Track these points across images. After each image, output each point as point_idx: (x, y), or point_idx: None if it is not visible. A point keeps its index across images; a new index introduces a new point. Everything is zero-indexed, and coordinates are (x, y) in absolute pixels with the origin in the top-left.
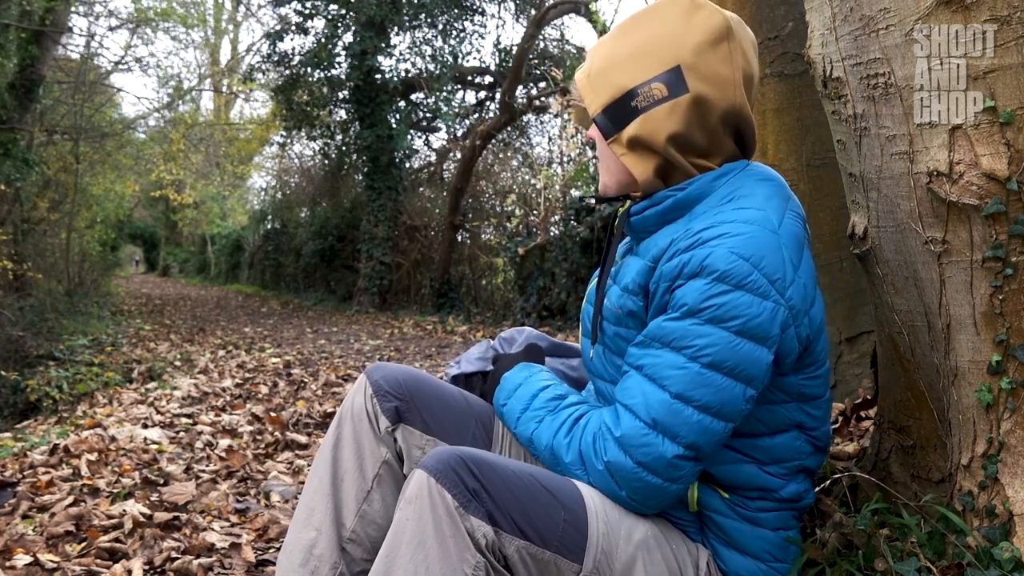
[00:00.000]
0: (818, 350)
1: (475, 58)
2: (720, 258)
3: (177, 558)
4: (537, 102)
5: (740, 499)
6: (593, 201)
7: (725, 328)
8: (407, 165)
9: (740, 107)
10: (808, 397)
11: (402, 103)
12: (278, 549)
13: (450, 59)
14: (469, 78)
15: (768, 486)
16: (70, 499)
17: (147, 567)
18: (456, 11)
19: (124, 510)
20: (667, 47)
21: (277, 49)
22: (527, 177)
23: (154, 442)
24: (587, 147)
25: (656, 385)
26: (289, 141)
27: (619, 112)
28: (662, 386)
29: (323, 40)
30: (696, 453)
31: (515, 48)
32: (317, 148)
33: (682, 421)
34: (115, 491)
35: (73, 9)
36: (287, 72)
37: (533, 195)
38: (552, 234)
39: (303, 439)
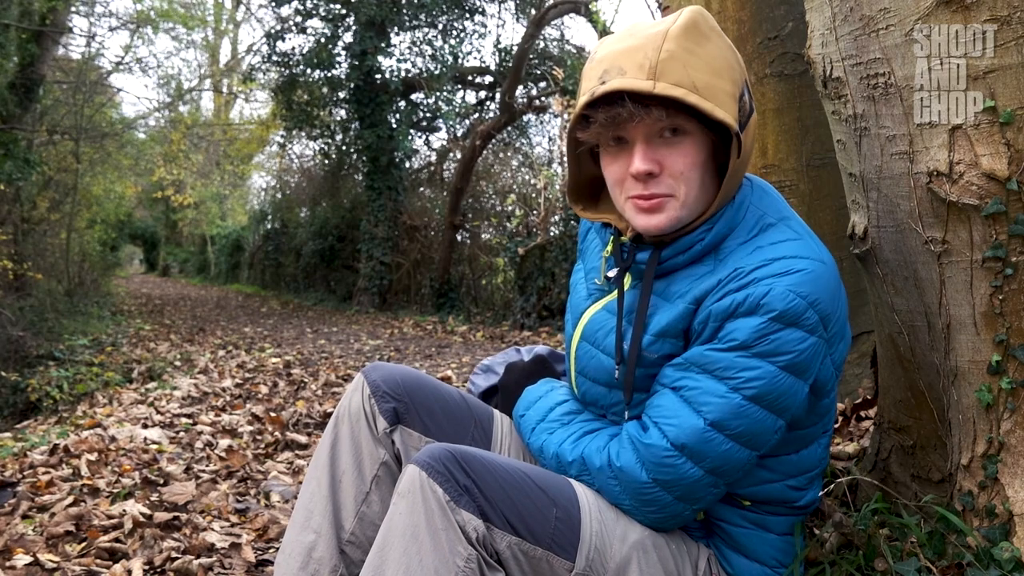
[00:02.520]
0: (840, 364)
1: (475, 58)
2: (778, 296)
3: (177, 558)
4: (537, 102)
5: (759, 510)
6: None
7: (772, 363)
8: (407, 165)
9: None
10: (827, 407)
11: (402, 103)
12: (278, 549)
13: (450, 59)
14: (469, 78)
15: (789, 499)
16: (70, 499)
17: (147, 567)
18: (456, 11)
19: (124, 510)
20: (732, 61)
21: (277, 49)
22: (527, 177)
23: (154, 442)
24: None
25: (692, 409)
26: (289, 141)
27: (741, 126)
28: (698, 411)
29: (323, 40)
30: (716, 479)
31: (515, 48)
32: (317, 148)
33: (711, 448)
34: (115, 491)
35: (73, 9)
36: (287, 72)
37: (533, 195)
38: (552, 234)
39: (303, 439)
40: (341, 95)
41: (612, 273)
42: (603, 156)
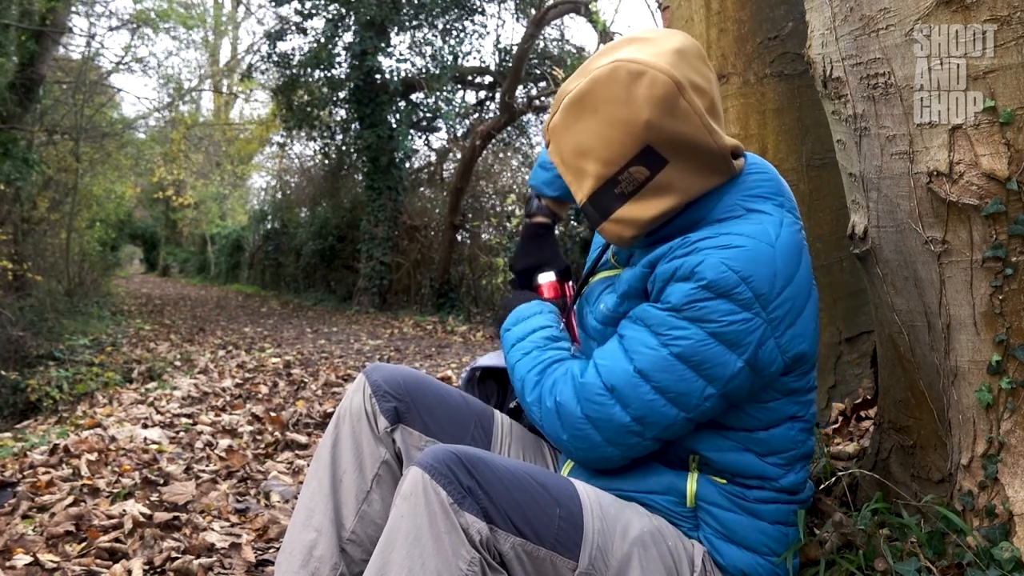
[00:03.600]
0: (809, 353)
1: (475, 58)
2: (710, 267)
3: (177, 558)
4: (537, 102)
5: (740, 489)
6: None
7: (701, 327)
8: (407, 165)
9: (715, 132)
10: (798, 391)
11: (402, 103)
12: (278, 549)
13: (450, 59)
14: (469, 78)
15: (767, 474)
16: (70, 499)
17: (147, 567)
18: (456, 11)
19: (124, 510)
20: (627, 129)
21: (277, 49)
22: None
23: (154, 442)
24: None
25: (626, 355)
26: (289, 141)
27: (605, 199)
28: (630, 358)
29: (323, 40)
30: (643, 429)
31: (515, 48)
32: (317, 148)
33: (636, 395)
34: (115, 491)
35: (73, 9)
36: (287, 72)
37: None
38: None
39: (303, 439)
40: (341, 95)
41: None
42: None
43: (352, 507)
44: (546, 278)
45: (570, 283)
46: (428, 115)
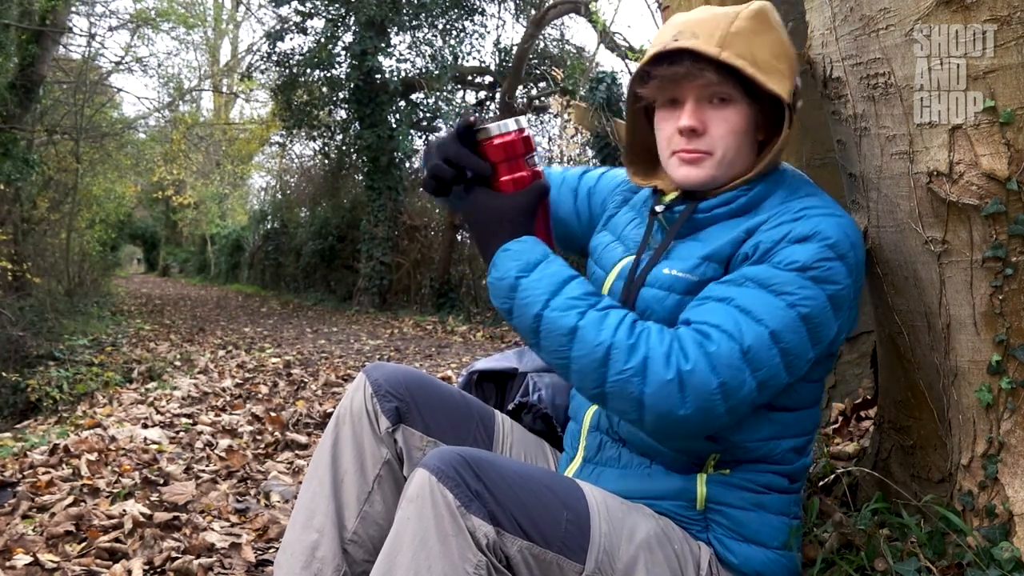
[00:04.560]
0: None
1: (475, 58)
2: (831, 228)
3: (177, 558)
4: (537, 102)
5: (747, 475)
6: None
7: (823, 290)
8: (407, 165)
9: None
10: (827, 372)
11: (402, 103)
12: (278, 549)
13: (450, 59)
14: (469, 78)
15: (784, 460)
16: (70, 499)
17: (147, 567)
18: (456, 11)
19: (124, 510)
20: (789, 52)
21: (277, 49)
22: None
23: (154, 442)
24: (586, 147)
25: (752, 319)
26: (289, 141)
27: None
28: (758, 320)
29: (323, 40)
30: (759, 395)
31: (515, 48)
32: (317, 148)
33: (767, 358)
34: (115, 491)
35: (73, 9)
36: (287, 72)
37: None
38: None
39: (303, 439)
40: (341, 95)
41: (660, 208)
42: (657, 114)
43: (354, 508)
44: (502, 129)
45: (534, 158)
46: (428, 115)
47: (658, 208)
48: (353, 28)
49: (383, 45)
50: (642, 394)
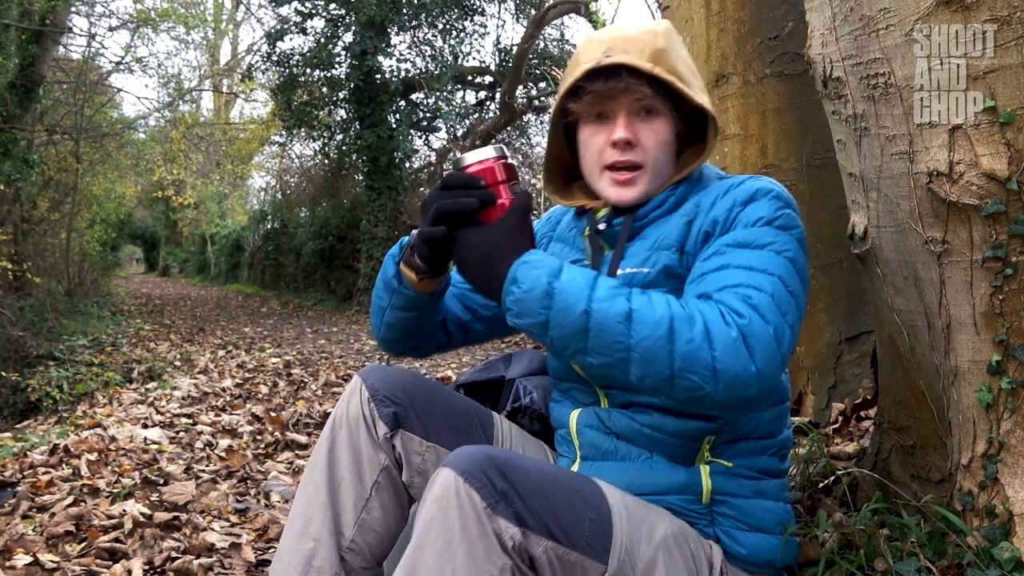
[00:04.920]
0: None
1: (475, 58)
2: (767, 184)
3: (177, 558)
4: (537, 102)
5: (746, 460)
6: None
7: (792, 234)
8: (407, 165)
9: None
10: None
11: (402, 103)
12: (274, 555)
13: (450, 59)
14: (469, 78)
15: (770, 432)
16: (70, 499)
17: (147, 567)
18: (456, 11)
19: (124, 510)
20: (695, 69)
21: (277, 49)
22: (527, 177)
23: (154, 442)
24: None
25: (758, 271)
26: (289, 141)
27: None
28: (763, 271)
29: (323, 40)
30: (794, 336)
31: (515, 48)
32: (317, 148)
33: (787, 302)
34: (115, 491)
35: (73, 9)
36: (287, 72)
37: (533, 195)
38: None
39: (303, 439)
40: (341, 95)
41: (603, 226)
42: (583, 130)
43: (351, 515)
44: (478, 156)
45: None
46: (428, 115)
47: (601, 227)
48: (353, 28)
49: (383, 45)
50: (713, 359)
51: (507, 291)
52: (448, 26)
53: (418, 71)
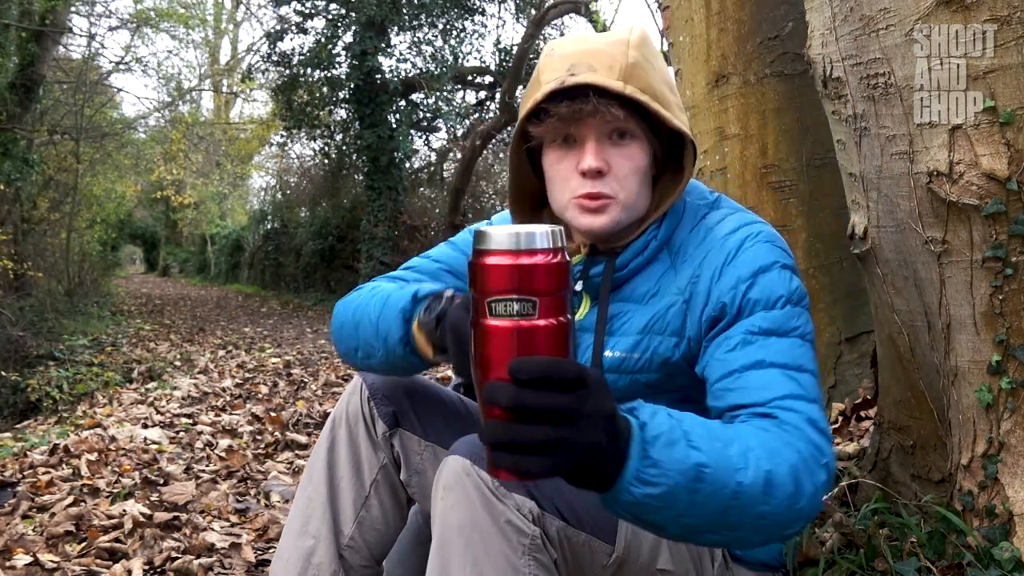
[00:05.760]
0: None
1: (475, 58)
2: (765, 247)
3: (177, 558)
4: None
5: None
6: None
7: (806, 309)
8: (407, 165)
9: None
10: None
11: (402, 103)
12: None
13: (450, 59)
14: (469, 78)
15: None
16: (70, 499)
17: (147, 567)
18: (456, 11)
19: (124, 510)
20: (673, 83)
21: (277, 49)
22: None
23: (154, 442)
24: None
25: (793, 369)
26: (289, 141)
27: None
28: (799, 367)
29: (323, 40)
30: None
31: (515, 48)
32: (317, 148)
33: (816, 389)
34: (115, 491)
35: (73, 9)
36: (287, 72)
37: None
38: None
39: (303, 439)
40: (341, 95)
41: (579, 286)
42: (548, 155)
43: (350, 513)
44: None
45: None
46: (428, 115)
47: (578, 287)
48: (353, 28)
49: (383, 45)
50: (813, 493)
51: (623, 490)
52: (448, 26)
53: (418, 71)
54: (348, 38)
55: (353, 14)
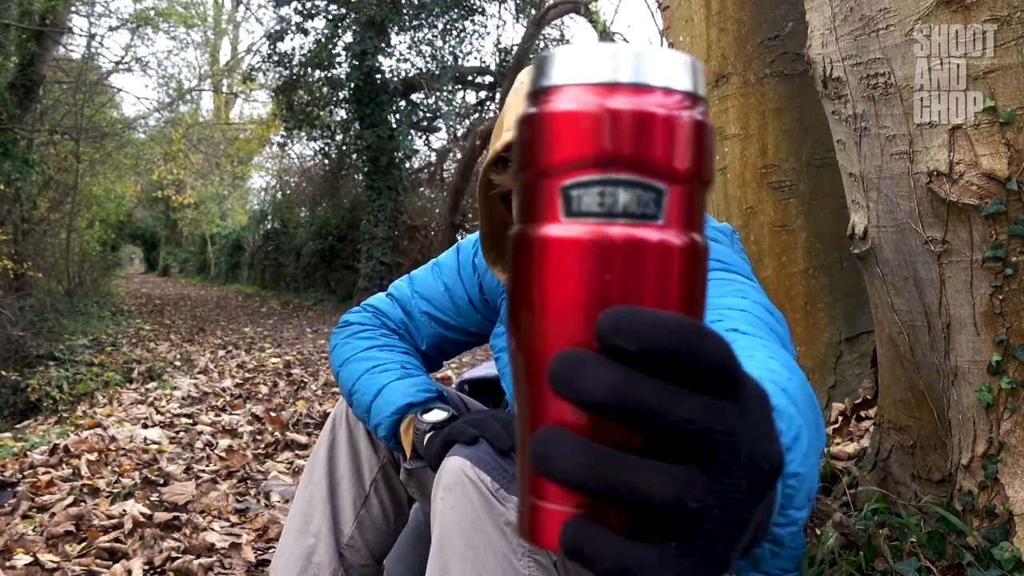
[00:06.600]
0: None
1: (475, 58)
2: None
3: (177, 558)
4: None
5: None
6: None
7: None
8: (407, 165)
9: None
10: None
11: (402, 103)
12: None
13: (450, 59)
14: (469, 78)
15: None
16: (70, 499)
17: (147, 567)
18: (456, 11)
19: (124, 510)
20: None
21: (277, 49)
22: None
23: (154, 442)
24: None
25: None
26: (289, 141)
27: None
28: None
29: (323, 40)
30: None
31: (515, 48)
32: (317, 148)
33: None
34: (115, 491)
35: (73, 9)
36: (287, 72)
37: None
38: None
39: (303, 439)
40: (341, 95)
41: None
42: (516, 203)
43: (350, 513)
44: None
45: None
46: (428, 115)
47: None
48: (353, 28)
49: (383, 45)
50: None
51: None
52: (448, 26)
53: (418, 71)
54: (348, 38)
55: (353, 14)
